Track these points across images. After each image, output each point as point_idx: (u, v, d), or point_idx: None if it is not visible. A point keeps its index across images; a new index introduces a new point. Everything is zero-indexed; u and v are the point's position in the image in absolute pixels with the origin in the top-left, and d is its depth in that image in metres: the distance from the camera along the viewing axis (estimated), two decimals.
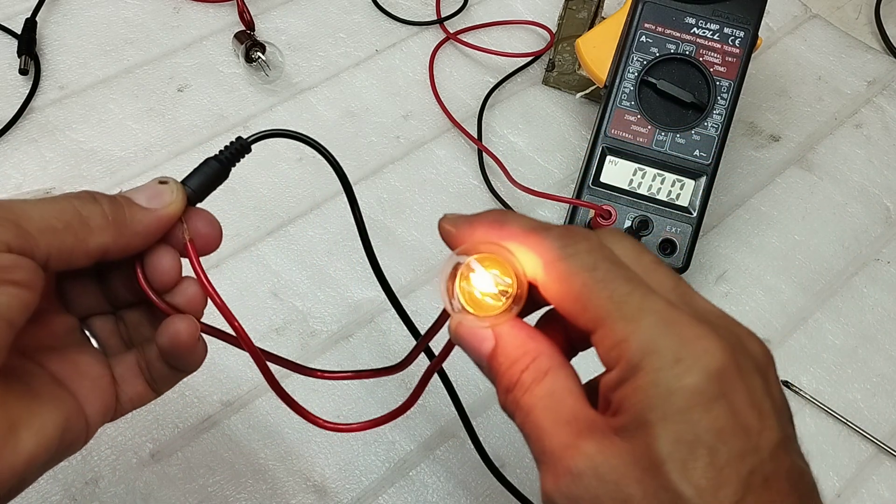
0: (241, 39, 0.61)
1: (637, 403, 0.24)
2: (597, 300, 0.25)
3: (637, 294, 0.25)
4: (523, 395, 0.27)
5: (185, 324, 0.30)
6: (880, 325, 0.55)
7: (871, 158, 0.63)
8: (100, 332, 0.32)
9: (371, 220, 0.55)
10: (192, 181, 0.31)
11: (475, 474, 0.46)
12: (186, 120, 0.59)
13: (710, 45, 0.52)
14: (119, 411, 0.31)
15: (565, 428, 0.25)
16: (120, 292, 0.32)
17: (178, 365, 0.31)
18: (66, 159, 0.56)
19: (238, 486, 0.44)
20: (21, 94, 0.58)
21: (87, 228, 0.27)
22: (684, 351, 0.24)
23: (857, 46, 0.70)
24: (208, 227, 0.31)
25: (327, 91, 0.62)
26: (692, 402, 0.23)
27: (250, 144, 0.31)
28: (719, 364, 0.24)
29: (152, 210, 0.29)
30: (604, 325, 0.25)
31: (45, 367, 0.29)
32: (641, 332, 0.24)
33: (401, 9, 0.67)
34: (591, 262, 0.26)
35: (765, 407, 0.24)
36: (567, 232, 0.27)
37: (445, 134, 0.61)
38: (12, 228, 0.25)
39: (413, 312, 0.51)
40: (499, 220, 0.29)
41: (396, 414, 0.34)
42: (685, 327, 0.24)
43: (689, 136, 0.52)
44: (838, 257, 0.57)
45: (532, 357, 0.27)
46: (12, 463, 0.25)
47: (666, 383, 0.23)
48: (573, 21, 0.65)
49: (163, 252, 0.30)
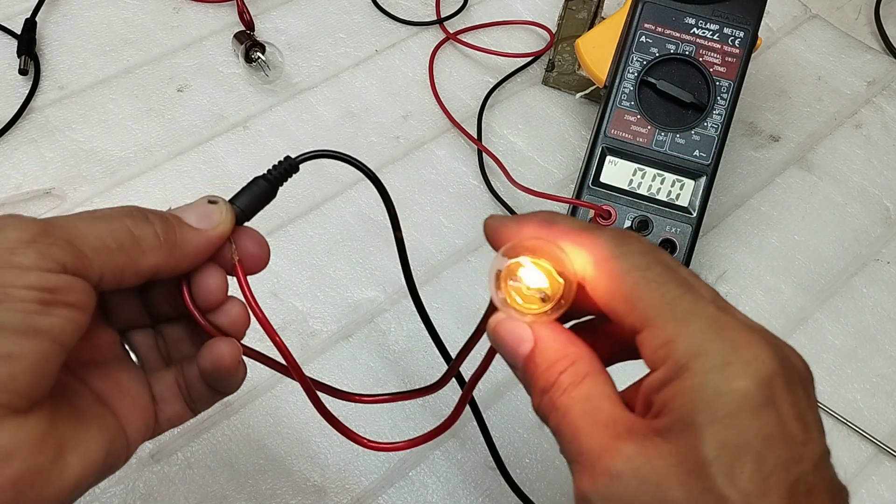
0: (240, 39, 0.61)
1: (683, 405, 0.23)
2: (647, 299, 0.25)
3: (688, 297, 0.25)
4: (560, 396, 0.26)
5: (228, 347, 0.30)
6: (880, 325, 0.55)
7: (870, 159, 0.63)
8: (139, 346, 0.32)
9: (370, 221, 0.55)
10: (240, 200, 0.30)
11: (475, 475, 0.46)
12: (186, 120, 0.59)
13: (710, 46, 0.52)
14: (157, 430, 0.31)
15: (604, 430, 0.25)
16: (161, 306, 0.31)
17: (218, 386, 0.31)
18: (66, 159, 0.56)
19: (238, 486, 0.44)
20: (21, 94, 0.58)
21: (140, 249, 0.27)
22: (734, 355, 0.23)
23: (857, 47, 0.70)
24: (256, 247, 0.31)
25: (327, 91, 0.62)
26: (741, 407, 0.23)
27: (298, 164, 0.31)
28: (769, 371, 0.23)
29: (202, 231, 0.29)
30: (652, 325, 0.25)
31: (88, 383, 0.29)
32: (691, 333, 0.24)
33: (400, 9, 0.67)
34: (644, 263, 0.26)
35: (809, 419, 0.24)
36: (620, 233, 0.27)
37: (445, 134, 0.61)
38: (68, 249, 0.24)
39: (413, 313, 0.51)
40: (548, 220, 0.28)
41: (440, 430, 0.33)
42: (735, 332, 0.24)
43: (689, 136, 0.52)
44: (838, 257, 0.57)
45: (571, 360, 0.27)
46: (59, 488, 0.24)
47: (714, 386, 0.23)
48: (573, 21, 0.65)
49: (210, 272, 0.30)
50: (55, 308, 0.24)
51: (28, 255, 0.24)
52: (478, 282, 0.53)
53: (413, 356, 0.50)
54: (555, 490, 0.46)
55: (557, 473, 0.46)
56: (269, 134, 0.58)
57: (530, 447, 0.47)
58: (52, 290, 0.24)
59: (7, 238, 0.24)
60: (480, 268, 0.54)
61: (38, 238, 0.24)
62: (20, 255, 0.24)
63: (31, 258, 0.24)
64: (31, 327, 0.23)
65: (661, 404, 0.24)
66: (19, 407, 0.23)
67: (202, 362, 0.30)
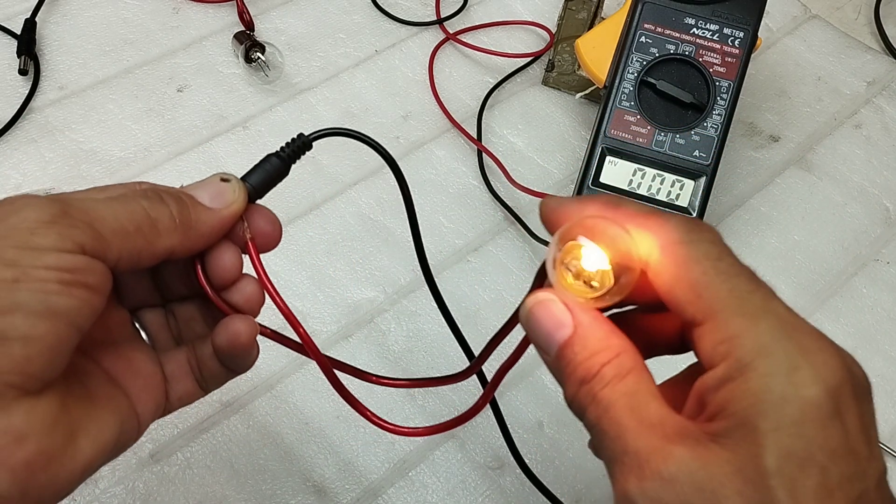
0: (240, 40, 0.61)
1: (745, 408, 0.22)
2: (716, 291, 0.24)
3: (760, 293, 0.24)
4: (602, 388, 0.25)
5: (245, 324, 0.29)
6: (879, 325, 0.55)
7: (870, 159, 0.63)
8: (150, 325, 0.31)
9: (370, 221, 0.55)
10: (252, 178, 0.30)
11: (475, 475, 0.46)
12: (186, 120, 0.59)
13: (710, 46, 0.52)
14: (167, 409, 0.31)
15: (651, 430, 0.24)
16: (172, 285, 0.31)
17: (231, 365, 0.31)
18: (66, 159, 0.56)
19: (238, 487, 0.44)
20: (21, 94, 0.58)
21: (156, 231, 0.26)
22: (803, 360, 0.22)
23: (857, 47, 0.70)
24: (269, 225, 0.30)
25: (327, 91, 0.62)
26: (808, 416, 0.22)
27: (311, 142, 0.31)
28: (837, 380, 0.22)
29: (216, 210, 0.28)
30: (716, 318, 0.24)
31: (100, 363, 0.28)
32: (759, 331, 0.23)
33: (400, 9, 0.67)
34: (716, 252, 0.25)
35: (872, 434, 0.23)
36: (691, 219, 0.26)
37: (445, 134, 0.61)
38: (88, 230, 0.24)
39: (413, 313, 0.51)
40: (613, 202, 0.27)
41: (465, 418, 0.32)
42: (806, 336, 0.23)
43: (689, 136, 0.52)
44: (838, 258, 0.57)
45: (615, 352, 0.25)
46: (71, 470, 0.24)
47: (781, 390, 0.22)
48: (573, 21, 0.65)
49: (224, 249, 0.29)
50: (73, 289, 0.23)
51: (48, 236, 0.23)
52: (477, 282, 0.53)
53: (413, 356, 0.50)
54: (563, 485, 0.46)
55: (557, 473, 0.46)
56: (269, 134, 0.58)
57: (530, 447, 0.47)
58: (70, 270, 0.23)
59: (26, 218, 0.24)
60: (480, 268, 0.54)
61: (58, 219, 0.24)
62: (40, 235, 0.23)
63: (51, 239, 0.23)
64: (49, 309, 0.23)
65: (718, 405, 0.23)
66: (32, 388, 0.23)
67: (217, 340, 0.29)
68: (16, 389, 0.23)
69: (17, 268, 0.23)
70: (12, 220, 0.24)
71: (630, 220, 0.26)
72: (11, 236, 0.23)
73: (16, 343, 0.22)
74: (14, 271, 0.23)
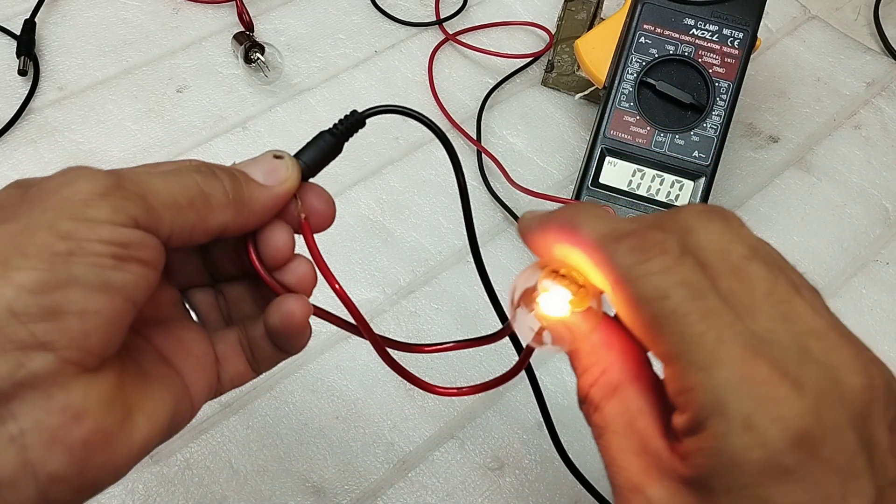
0: (240, 40, 0.61)
1: (701, 465, 0.22)
2: (668, 335, 0.22)
3: (711, 335, 0.22)
4: (594, 413, 0.25)
5: (298, 304, 0.29)
6: (879, 326, 0.55)
7: (869, 159, 0.63)
8: (200, 305, 0.31)
9: (370, 221, 0.55)
10: (305, 155, 0.29)
11: (474, 476, 0.46)
12: (185, 121, 0.59)
13: (710, 47, 0.52)
14: (219, 391, 0.30)
15: (634, 460, 0.24)
16: (222, 265, 0.31)
17: (284, 346, 0.30)
18: (66, 160, 0.56)
19: (237, 487, 0.44)
20: (20, 94, 0.58)
21: (209, 206, 0.26)
22: (757, 415, 0.21)
23: (856, 48, 0.70)
24: (323, 204, 0.29)
25: (326, 92, 0.62)
26: (760, 479, 0.20)
27: (365, 119, 0.30)
28: (798, 431, 0.20)
29: (269, 187, 0.28)
30: (673, 365, 0.22)
31: (152, 342, 0.28)
32: (711, 384, 0.21)
33: (400, 10, 0.67)
34: (664, 288, 0.22)
35: (855, 466, 0.21)
36: (640, 242, 0.23)
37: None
38: (141, 203, 0.24)
39: (412, 314, 0.51)
40: (570, 223, 0.26)
41: (508, 377, 0.31)
42: (761, 385, 0.21)
43: (688, 137, 0.52)
44: (837, 258, 0.57)
45: (602, 368, 0.25)
46: (128, 450, 0.24)
47: (731, 453, 0.21)
48: (572, 22, 0.65)
49: (277, 228, 0.29)
50: (128, 264, 0.23)
51: (102, 209, 0.23)
52: (477, 282, 0.53)
53: (412, 357, 0.49)
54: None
55: (556, 473, 0.46)
56: (269, 135, 0.58)
57: (529, 448, 0.47)
58: (125, 245, 0.23)
59: (80, 189, 0.23)
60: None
61: (112, 191, 0.23)
62: (94, 208, 0.23)
63: (105, 212, 0.23)
64: (105, 283, 0.22)
65: (685, 450, 0.22)
66: (90, 365, 0.22)
67: (271, 320, 0.29)
68: (74, 365, 0.22)
69: (72, 240, 0.22)
70: (66, 190, 0.23)
71: (582, 251, 0.25)
72: (66, 207, 0.23)
73: (73, 317, 0.22)
74: (69, 244, 0.22)
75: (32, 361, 0.21)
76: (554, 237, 0.26)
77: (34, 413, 0.21)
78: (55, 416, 0.22)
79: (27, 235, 0.22)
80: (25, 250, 0.22)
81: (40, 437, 0.21)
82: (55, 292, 0.21)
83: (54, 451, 0.22)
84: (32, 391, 0.21)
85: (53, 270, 0.22)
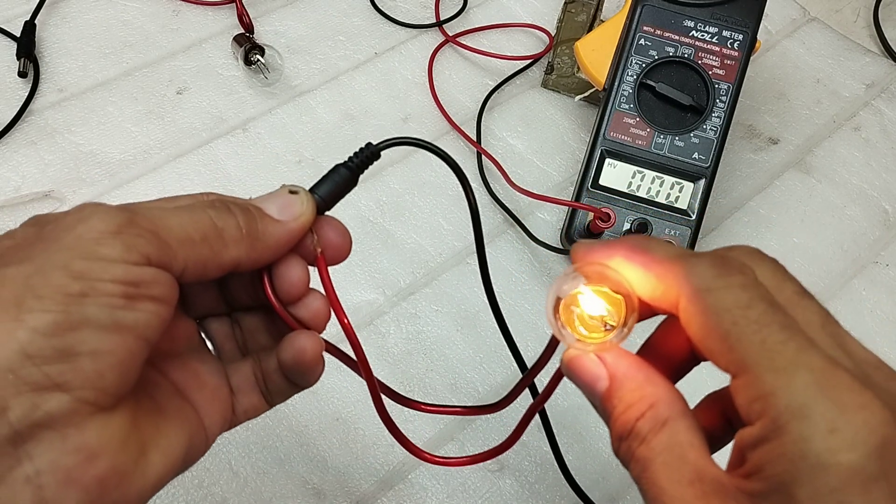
0: (240, 42, 0.61)
1: (781, 473, 0.21)
2: (747, 343, 0.23)
3: (793, 344, 0.22)
4: (639, 446, 0.24)
5: (311, 341, 0.29)
6: (879, 327, 0.55)
7: (869, 161, 0.63)
8: (216, 335, 0.31)
9: (370, 223, 0.55)
10: (321, 189, 0.29)
11: (474, 478, 0.46)
12: (186, 122, 0.59)
13: (709, 48, 0.53)
14: (233, 422, 0.30)
15: (688, 489, 0.23)
16: (238, 295, 0.31)
17: (296, 380, 0.30)
18: (66, 162, 0.56)
19: (237, 489, 0.44)
20: (20, 96, 0.58)
21: (222, 241, 0.26)
22: (842, 420, 0.21)
23: (856, 49, 0.70)
24: (339, 237, 0.30)
25: (326, 94, 0.62)
26: (848, 483, 0.20)
27: (380, 151, 0.30)
28: (882, 439, 0.21)
29: (284, 223, 0.28)
30: (749, 373, 0.22)
31: (167, 376, 0.28)
32: (793, 389, 0.21)
33: (400, 12, 0.67)
34: (746, 300, 0.23)
35: None
36: (720, 261, 0.24)
37: (444, 136, 0.61)
38: (154, 240, 0.24)
39: (413, 315, 0.51)
40: (640, 246, 0.26)
41: (500, 450, 0.32)
42: (844, 392, 0.21)
43: (688, 138, 0.52)
44: (837, 260, 0.57)
45: (649, 403, 0.25)
46: (142, 487, 0.24)
47: (817, 456, 0.20)
48: (572, 24, 0.65)
49: (292, 263, 0.29)
50: (140, 302, 0.23)
51: (114, 247, 0.23)
52: (477, 284, 0.53)
53: (412, 359, 0.50)
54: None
55: (556, 475, 0.46)
56: (269, 136, 0.59)
57: (529, 450, 0.47)
58: (136, 283, 0.23)
59: (92, 228, 0.23)
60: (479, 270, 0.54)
61: (124, 229, 0.23)
62: (106, 246, 0.23)
63: (117, 250, 0.23)
64: (117, 323, 0.23)
65: (755, 464, 0.22)
66: (105, 404, 0.23)
67: (283, 355, 0.29)
68: (89, 405, 0.22)
69: (85, 281, 0.22)
70: (80, 228, 0.23)
71: (656, 266, 0.26)
72: (79, 246, 0.23)
73: (86, 358, 0.22)
74: (81, 285, 0.22)
75: (48, 402, 0.21)
76: (624, 255, 0.27)
77: (50, 454, 0.22)
78: (70, 457, 0.22)
79: (41, 276, 0.22)
80: (39, 292, 0.22)
81: (55, 477, 0.22)
82: (68, 334, 0.22)
83: (69, 490, 0.22)
84: (48, 432, 0.22)
85: (66, 312, 0.22)
